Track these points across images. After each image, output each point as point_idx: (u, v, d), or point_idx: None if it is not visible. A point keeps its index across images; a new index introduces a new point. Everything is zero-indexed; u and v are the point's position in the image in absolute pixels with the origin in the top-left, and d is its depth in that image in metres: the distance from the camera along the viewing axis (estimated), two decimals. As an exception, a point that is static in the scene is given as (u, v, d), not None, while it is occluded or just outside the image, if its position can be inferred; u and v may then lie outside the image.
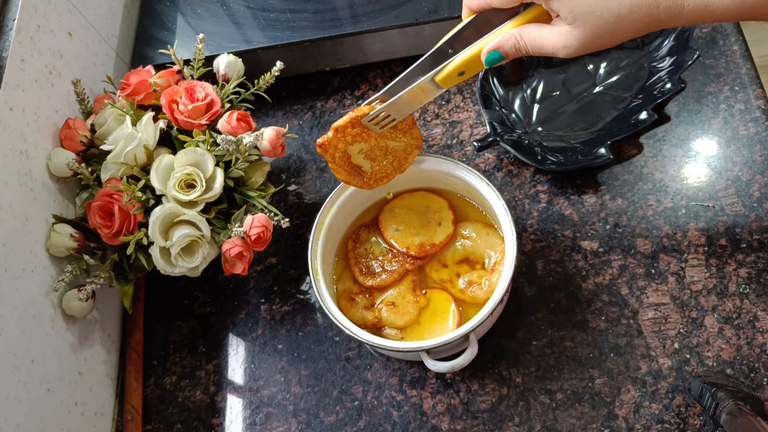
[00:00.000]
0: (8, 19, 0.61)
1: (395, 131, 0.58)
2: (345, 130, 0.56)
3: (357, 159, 0.59)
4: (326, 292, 0.58)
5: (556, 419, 0.60)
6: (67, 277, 0.60)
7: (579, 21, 0.44)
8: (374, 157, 0.60)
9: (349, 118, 0.56)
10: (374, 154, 0.59)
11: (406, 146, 0.60)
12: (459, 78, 0.51)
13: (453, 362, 0.55)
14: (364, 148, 0.59)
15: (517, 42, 0.47)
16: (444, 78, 0.51)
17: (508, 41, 0.47)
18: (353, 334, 0.55)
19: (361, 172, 0.60)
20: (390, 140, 0.59)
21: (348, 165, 0.59)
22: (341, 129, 0.56)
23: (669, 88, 0.69)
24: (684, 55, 0.69)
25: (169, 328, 0.72)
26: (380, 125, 0.56)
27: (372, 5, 0.75)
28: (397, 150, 0.60)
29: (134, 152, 0.62)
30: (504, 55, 0.48)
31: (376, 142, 0.59)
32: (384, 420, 0.63)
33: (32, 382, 0.56)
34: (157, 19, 0.79)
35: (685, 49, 0.70)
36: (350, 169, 0.60)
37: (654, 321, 0.62)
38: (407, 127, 0.59)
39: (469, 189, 0.63)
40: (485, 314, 0.54)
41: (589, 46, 0.45)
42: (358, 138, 0.57)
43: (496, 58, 0.49)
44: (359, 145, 0.58)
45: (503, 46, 0.48)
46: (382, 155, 0.60)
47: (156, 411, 0.68)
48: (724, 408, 0.53)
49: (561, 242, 0.67)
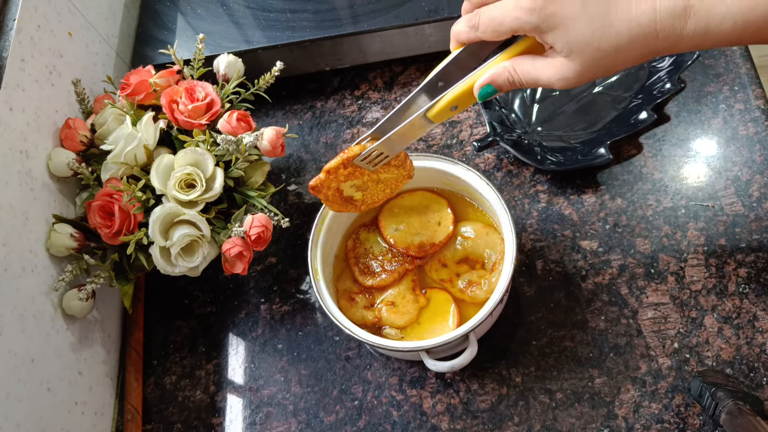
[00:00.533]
0: (8, 19, 0.61)
1: (388, 166, 0.58)
2: (337, 171, 0.56)
3: (349, 192, 0.59)
4: (326, 292, 0.58)
5: (555, 419, 0.60)
6: (67, 277, 0.60)
7: (576, 54, 0.42)
8: (366, 188, 0.60)
9: (341, 159, 0.55)
10: (366, 185, 0.59)
11: (397, 177, 0.60)
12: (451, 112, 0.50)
13: (453, 362, 0.55)
14: (357, 183, 0.58)
15: (510, 75, 0.46)
16: (436, 113, 0.50)
17: (501, 75, 0.46)
18: (353, 334, 0.55)
19: (353, 201, 0.60)
20: (382, 172, 0.58)
21: (340, 198, 0.59)
22: (333, 171, 0.55)
23: (669, 88, 0.69)
24: (684, 55, 0.69)
25: (169, 327, 0.72)
26: (373, 163, 0.56)
27: (372, 5, 0.75)
28: (390, 180, 0.60)
29: (134, 152, 0.62)
30: (497, 89, 0.47)
31: (368, 177, 0.58)
32: (384, 420, 0.63)
33: (32, 382, 0.56)
34: (157, 18, 0.79)
35: None
36: (342, 201, 0.60)
37: (653, 321, 0.62)
38: (400, 162, 0.58)
39: (468, 189, 0.63)
40: (485, 314, 0.54)
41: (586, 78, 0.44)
42: (351, 177, 0.57)
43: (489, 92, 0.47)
44: (351, 182, 0.58)
45: (496, 80, 0.46)
46: (374, 185, 0.60)
47: (156, 411, 0.68)
48: (723, 408, 0.53)
49: (561, 242, 0.67)
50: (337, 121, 0.80)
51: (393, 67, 0.82)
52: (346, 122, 0.80)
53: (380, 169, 0.58)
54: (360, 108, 0.80)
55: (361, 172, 0.57)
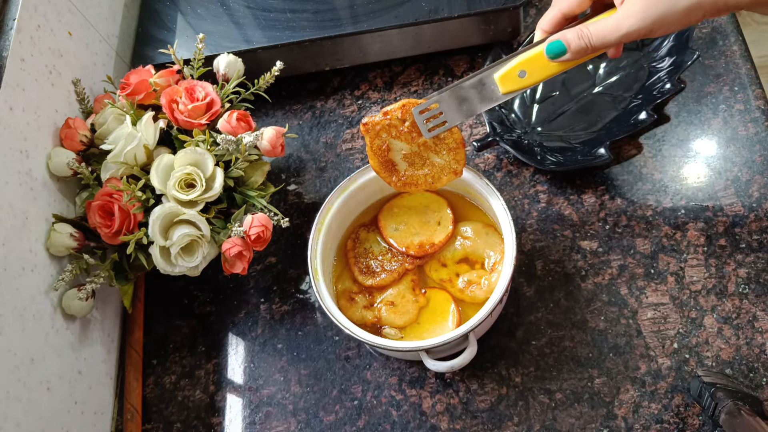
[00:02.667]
0: (8, 19, 0.61)
1: (441, 144, 0.57)
2: (392, 115, 0.55)
3: (395, 156, 0.58)
4: (326, 292, 0.58)
5: (555, 419, 0.60)
6: (67, 277, 0.60)
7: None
8: (412, 162, 0.59)
9: (401, 104, 0.54)
10: (413, 159, 0.59)
11: (445, 165, 0.59)
12: (520, 80, 0.49)
13: (452, 362, 0.55)
14: (406, 150, 0.58)
15: (580, 30, 0.46)
16: (504, 76, 0.49)
17: (571, 30, 0.46)
18: (353, 334, 0.56)
19: (395, 170, 0.59)
20: (433, 153, 0.58)
21: (384, 157, 0.58)
22: (390, 113, 0.55)
23: (668, 88, 0.69)
24: (684, 56, 0.69)
25: (169, 327, 0.72)
26: (430, 126, 0.55)
27: (372, 5, 0.75)
28: (436, 165, 0.59)
29: (134, 152, 0.62)
30: (566, 45, 0.47)
31: (419, 149, 0.57)
32: (383, 419, 0.63)
33: (32, 381, 0.56)
34: (157, 18, 0.79)
35: (684, 49, 0.69)
36: (384, 161, 0.58)
37: (653, 321, 0.62)
38: (455, 145, 0.58)
39: (468, 189, 0.63)
40: (484, 314, 0.54)
41: (649, 22, 0.44)
42: (405, 136, 0.56)
43: (558, 48, 0.47)
44: (403, 143, 0.57)
45: (566, 35, 0.47)
46: (420, 164, 0.59)
47: (156, 410, 0.68)
48: (723, 408, 0.53)
49: (560, 242, 0.67)
50: (337, 121, 0.80)
51: (393, 67, 0.82)
52: (346, 122, 0.80)
53: (433, 146, 0.57)
54: (360, 108, 0.80)
55: (414, 138, 0.56)
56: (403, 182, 0.61)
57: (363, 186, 0.63)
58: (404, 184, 0.61)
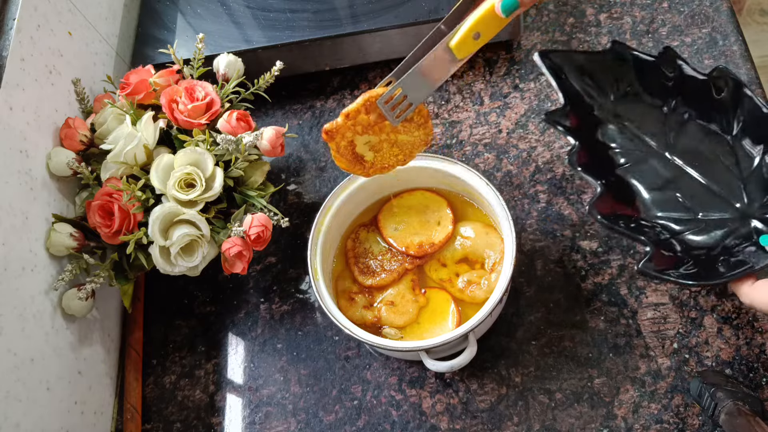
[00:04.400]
0: (8, 19, 0.61)
1: (409, 124, 0.56)
2: (357, 117, 0.53)
3: (362, 149, 0.57)
4: (326, 292, 0.58)
5: (555, 419, 0.60)
6: (66, 276, 0.60)
7: None
8: (379, 149, 0.57)
9: (363, 100, 0.52)
10: (380, 146, 0.57)
11: (415, 141, 0.58)
12: (475, 42, 0.47)
13: (452, 362, 0.55)
14: (372, 141, 0.56)
15: None
16: (458, 43, 0.47)
17: None
18: (353, 334, 0.56)
19: (363, 162, 0.58)
20: (402, 134, 0.56)
21: (351, 154, 0.57)
22: (353, 115, 0.53)
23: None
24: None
25: (169, 327, 0.72)
26: (396, 113, 0.53)
27: (372, 5, 0.75)
28: (405, 144, 0.58)
29: (134, 151, 0.62)
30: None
31: (386, 136, 0.56)
32: (383, 419, 0.63)
33: (32, 381, 0.56)
34: (157, 18, 0.79)
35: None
36: (352, 157, 0.57)
37: (653, 321, 0.62)
38: (423, 120, 0.56)
39: (468, 189, 0.63)
40: (484, 314, 0.54)
41: None
42: (369, 130, 0.54)
43: (512, 4, 0.44)
44: (369, 136, 0.56)
45: None
46: (389, 148, 0.57)
47: (155, 410, 0.68)
48: (723, 408, 0.53)
49: (560, 242, 0.67)
50: (337, 121, 0.80)
51: (393, 67, 0.81)
52: (345, 122, 0.80)
53: (401, 127, 0.55)
54: (360, 108, 0.80)
55: (381, 127, 0.54)
56: (374, 169, 0.59)
57: (363, 186, 0.63)
58: (375, 170, 0.59)
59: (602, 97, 0.63)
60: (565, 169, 0.71)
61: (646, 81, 0.62)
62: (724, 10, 0.75)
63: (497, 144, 0.74)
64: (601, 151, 0.61)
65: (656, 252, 0.53)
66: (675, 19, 0.76)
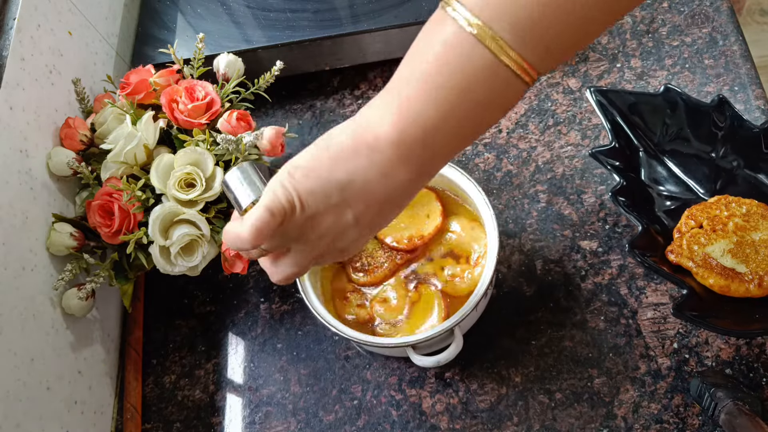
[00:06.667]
0: (8, 18, 0.61)
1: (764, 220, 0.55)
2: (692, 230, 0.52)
3: (726, 260, 0.55)
4: (311, 289, 0.59)
5: (555, 419, 0.60)
6: (66, 276, 0.60)
7: None
8: (745, 255, 0.56)
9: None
10: (741, 249, 0.55)
11: None
12: None
13: (438, 357, 0.56)
14: (727, 247, 0.55)
15: None
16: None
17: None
18: (339, 331, 0.56)
19: (738, 274, 0.56)
20: (754, 230, 0.56)
21: (720, 269, 0.56)
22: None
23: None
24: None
25: (169, 327, 0.72)
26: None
27: (372, 5, 0.75)
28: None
29: (134, 151, 0.62)
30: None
31: (739, 237, 0.55)
32: (383, 419, 0.63)
33: (32, 381, 0.56)
34: (157, 18, 0.79)
35: None
36: (724, 273, 0.56)
37: (653, 321, 0.62)
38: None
39: (451, 185, 0.63)
40: (469, 308, 0.55)
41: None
42: (714, 234, 0.54)
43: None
44: (717, 243, 0.55)
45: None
46: (752, 249, 0.55)
47: (155, 410, 0.68)
48: (723, 408, 0.53)
49: (560, 242, 0.67)
50: (337, 121, 0.80)
51: (393, 67, 0.81)
52: (346, 122, 0.80)
53: (752, 223, 0.56)
54: (360, 107, 0.80)
55: (724, 229, 0.54)
56: (749, 279, 0.56)
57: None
58: (753, 279, 0.56)
59: (650, 138, 0.64)
60: (565, 169, 0.71)
61: (696, 127, 0.63)
62: (724, 10, 0.75)
63: (497, 144, 0.74)
64: (644, 191, 0.63)
65: (690, 292, 0.55)
66: (675, 19, 0.76)
